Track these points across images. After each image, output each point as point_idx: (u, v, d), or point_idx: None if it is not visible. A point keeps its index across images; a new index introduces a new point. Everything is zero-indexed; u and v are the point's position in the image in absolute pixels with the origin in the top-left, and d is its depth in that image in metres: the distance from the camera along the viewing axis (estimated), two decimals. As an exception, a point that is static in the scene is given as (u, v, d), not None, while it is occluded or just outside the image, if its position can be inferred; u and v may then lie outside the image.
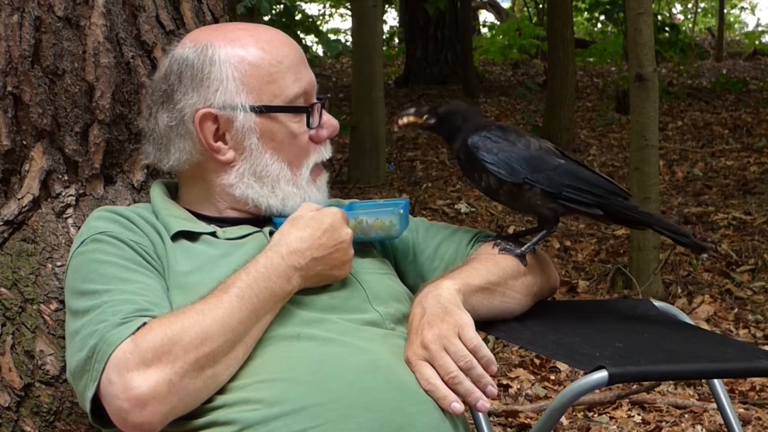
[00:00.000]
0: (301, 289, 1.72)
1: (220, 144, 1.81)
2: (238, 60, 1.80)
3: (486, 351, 1.64)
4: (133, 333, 1.58)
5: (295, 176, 1.85)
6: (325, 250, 1.73)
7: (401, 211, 1.90)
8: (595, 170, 1.95)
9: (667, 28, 12.41)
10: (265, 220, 1.86)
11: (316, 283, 1.75)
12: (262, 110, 1.80)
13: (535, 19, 15.97)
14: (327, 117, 1.89)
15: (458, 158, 1.97)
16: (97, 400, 1.60)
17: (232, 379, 1.61)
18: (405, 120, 1.98)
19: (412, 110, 1.98)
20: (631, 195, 1.96)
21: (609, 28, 15.25)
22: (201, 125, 1.80)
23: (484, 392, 1.63)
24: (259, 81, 1.80)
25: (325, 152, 1.90)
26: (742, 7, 24.12)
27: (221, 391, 1.61)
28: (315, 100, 1.87)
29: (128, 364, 1.55)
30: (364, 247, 1.90)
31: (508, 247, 1.90)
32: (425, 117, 1.97)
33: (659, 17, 13.53)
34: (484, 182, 1.92)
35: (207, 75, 1.79)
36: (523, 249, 1.90)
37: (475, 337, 1.65)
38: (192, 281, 1.71)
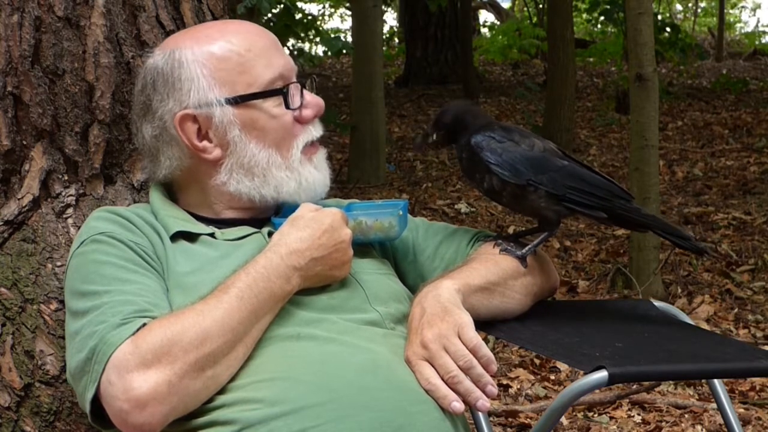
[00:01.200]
0: (301, 290, 1.72)
1: (205, 143, 1.82)
2: (205, 57, 1.80)
3: (486, 350, 1.64)
4: (133, 334, 1.58)
5: (285, 160, 1.84)
6: (324, 250, 1.73)
7: (400, 212, 1.90)
8: (598, 171, 1.94)
9: (667, 29, 12.39)
10: (263, 221, 1.86)
11: (316, 284, 1.75)
12: (237, 101, 1.80)
13: (535, 19, 15.97)
14: (310, 96, 1.88)
15: (459, 158, 1.96)
16: (97, 400, 1.60)
17: (232, 378, 1.61)
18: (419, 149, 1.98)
19: (419, 140, 1.98)
20: (633, 197, 1.95)
21: (609, 28, 15.24)
22: (182, 128, 1.80)
23: (484, 392, 1.63)
24: (230, 73, 1.80)
25: (314, 131, 1.88)
26: (743, 7, 24.13)
27: (221, 390, 1.61)
28: (293, 81, 1.86)
29: (128, 365, 1.55)
30: (363, 247, 1.90)
31: (508, 248, 1.89)
32: (433, 136, 1.95)
33: (659, 17, 13.52)
34: (486, 183, 1.90)
35: (177, 78, 1.79)
36: (524, 251, 1.89)
37: (474, 337, 1.65)
38: (192, 281, 1.71)
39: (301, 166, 1.85)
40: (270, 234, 1.80)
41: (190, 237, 1.80)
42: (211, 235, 1.81)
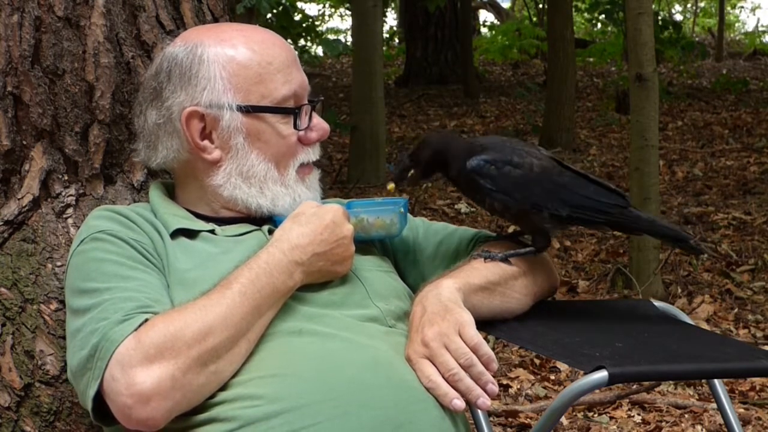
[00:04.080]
0: (302, 286, 1.73)
1: (206, 143, 1.82)
2: (226, 59, 1.80)
3: (486, 349, 1.64)
4: (136, 329, 1.58)
5: (282, 176, 1.85)
6: (326, 246, 1.74)
7: (402, 209, 1.90)
8: (594, 178, 1.90)
9: (670, 27, 12.39)
10: (263, 219, 1.86)
11: (318, 279, 1.75)
12: (249, 110, 1.80)
13: (535, 19, 15.98)
14: (317, 120, 1.89)
15: (456, 183, 1.94)
16: (99, 397, 1.60)
17: (234, 374, 1.62)
18: (392, 185, 1.95)
19: (397, 172, 1.95)
20: (630, 198, 1.92)
21: (609, 28, 15.25)
22: (187, 123, 1.80)
23: (485, 390, 1.63)
24: (247, 81, 1.80)
25: (313, 154, 1.90)
26: (742, 7, 24.13)
27: (223, 386, 1.61)
28: (305, 102, 1.87)
29: (131, 360, 1.55)
30: (364, 245, 1.91)
31: (492, 255, 1.87)
32: (410, 172, 1.92)
33: (660, 16, 13.52)
34: (487, 204, 1.88)
35: (195, 73, 1.80)
36: (506, 253, 1.87)
37: (475, 335, 1.65)
38: (193, 278, 1.72)
39: (295, 184, 1.86)
40: (270, 231, 1.81)
41: (190, 234, 1.80)
42: (212, 231, 1.81)
